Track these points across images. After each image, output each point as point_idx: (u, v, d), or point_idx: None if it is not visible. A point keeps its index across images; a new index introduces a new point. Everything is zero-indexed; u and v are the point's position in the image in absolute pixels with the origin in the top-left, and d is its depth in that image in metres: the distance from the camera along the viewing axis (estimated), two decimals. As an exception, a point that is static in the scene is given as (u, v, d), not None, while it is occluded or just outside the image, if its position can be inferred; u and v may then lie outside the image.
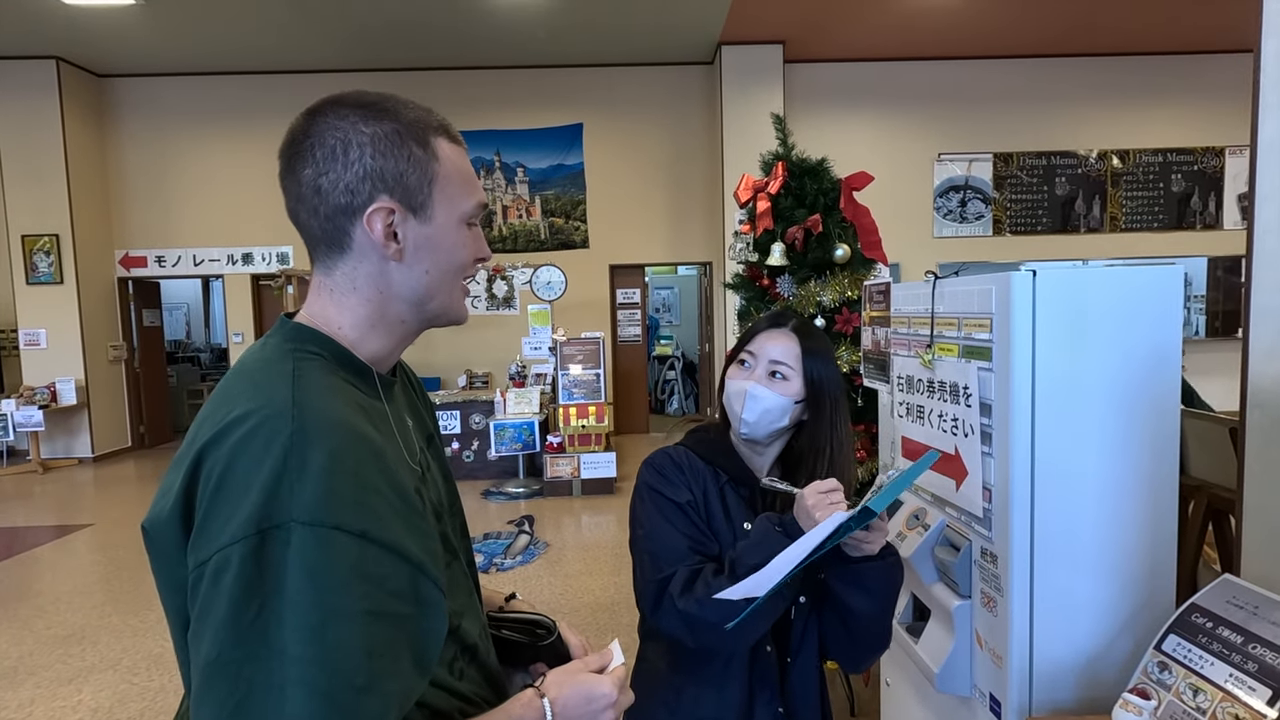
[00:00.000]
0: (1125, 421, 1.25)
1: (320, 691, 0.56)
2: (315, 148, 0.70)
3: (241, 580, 0.57)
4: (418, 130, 0.72)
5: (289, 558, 0.58)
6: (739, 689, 1.07)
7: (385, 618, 0.61)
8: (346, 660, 0.58)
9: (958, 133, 7.62)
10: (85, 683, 2.93)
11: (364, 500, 0.62)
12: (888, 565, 1.03)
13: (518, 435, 5.72)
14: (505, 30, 6.61)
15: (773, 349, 1.10)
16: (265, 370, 0.68)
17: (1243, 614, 1.03)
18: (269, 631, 0.57)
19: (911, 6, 6.27)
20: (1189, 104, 7.60)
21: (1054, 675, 1.27)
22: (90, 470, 7.08)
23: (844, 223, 2.77)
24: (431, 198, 0.72)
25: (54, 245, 7.10)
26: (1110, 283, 1.24)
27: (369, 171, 0.69)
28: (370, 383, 0.74)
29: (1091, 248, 7.69)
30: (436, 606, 0.66)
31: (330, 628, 0.58)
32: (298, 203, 0.71)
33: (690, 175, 7.77)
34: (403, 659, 0.62)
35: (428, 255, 0.73)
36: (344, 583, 0.59)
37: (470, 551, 0.91)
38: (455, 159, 0.74)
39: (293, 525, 0.58)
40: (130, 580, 4.05)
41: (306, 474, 0.59)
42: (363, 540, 0.60)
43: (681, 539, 1.06)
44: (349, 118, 0.70)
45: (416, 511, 0.67)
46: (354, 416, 0.66)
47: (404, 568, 0.63)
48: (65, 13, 5.95)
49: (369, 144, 0.70)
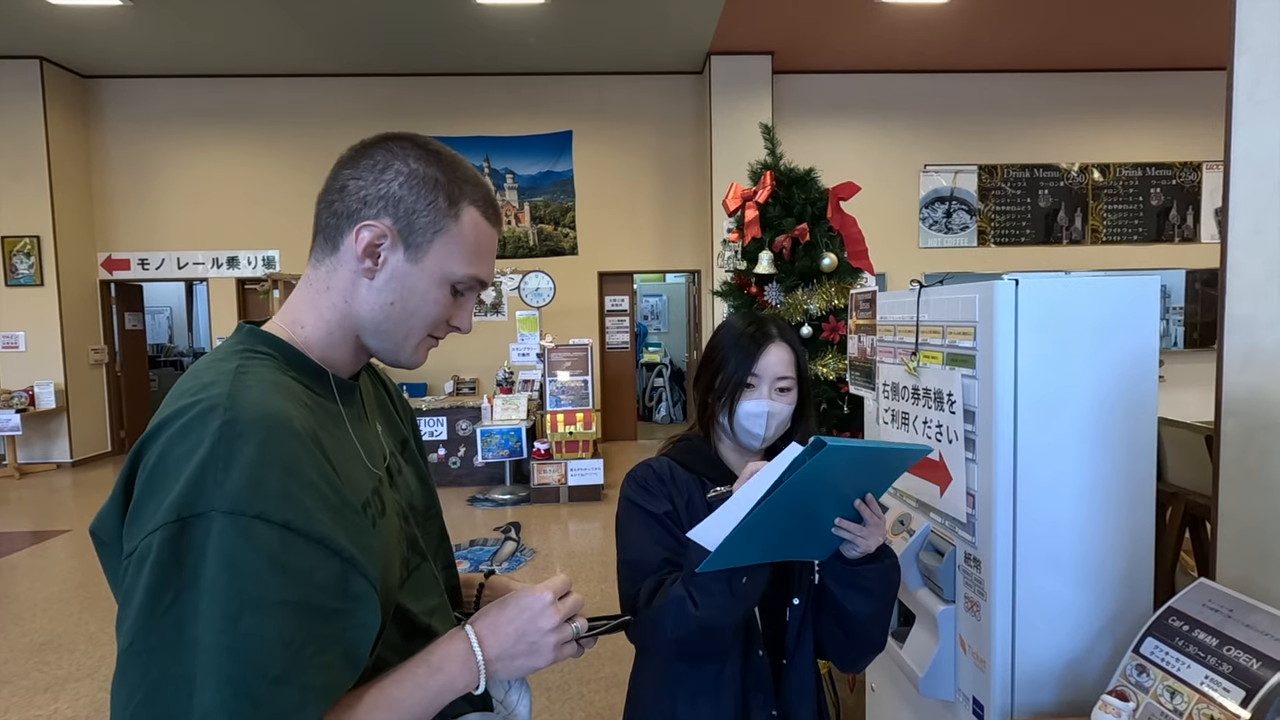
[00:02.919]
0: (1105, 428, 1.27)
1: (233, 680, 0.56)
2: (367, 158, 0.74)
3: (159, 568, 0.57)
4: (454, 189, 0.75)
5: (208, 546, 0.58)
6: (733, 696, 1.08)
7: (307, 610, 0.60)
8: (261, 650, 0.57)
9: (943, 145, 7.73)
10: (62, 691, 2.87)
11: (291, 492, 0.61)
12: (885, 567, 1.05)
13: (505, 441, 5.70)
14: (496, 37, 6.63)
15: (776, 365, 1.13)
16: (210, 368, 0.69)
17: (1218, 617, 1.05)
18: (183, 620, 0.57)
19: (898, 21, 6.36)
20: (1168, 120, 7.76)
21: (1035, 678, 1.29)
22: (69, 475, 6.96)
23: (831, 232, 2.80)
24: (430, 244, 0.74)
25: (34, 247, 7.01)
26: (1090, 292, 1.27)
27: (389, 194, 0.73)
28: (325, 384, 0.75)
29: (1073, 259, 7.81)
30: (367, 602, 0.65)
31: (245, 617, 0.57)
32: (326, 191, 0.76)
33: (679, 184, 7.81)
34: (329, 652, 0.62)
35: (398, 289, 0.74)
36: (262, 573, 0.59)
37: (450, 555, 0.92)
38: (476, 233, 0.76)
39: (213, 514, 0.58)
40: (108, 587, 3.98)
41: (233, 464, 0.60)
42: (285, 531, 0.60)
43: (658, 550, 1.07)
44: (408, 149, 0.75)
45: (352, 508, 0.67)
46: (291, 410, 0.66)
47: (331, 560, 0.62)
48: (50, 13, 5.90)
49: (405, 175, 0.73)
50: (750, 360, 1.13)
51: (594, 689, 2.82)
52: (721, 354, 1.16)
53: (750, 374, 1.13)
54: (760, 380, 1.12)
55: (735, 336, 1.16)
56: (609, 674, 2.91)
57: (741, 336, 1.15)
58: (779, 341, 1.14)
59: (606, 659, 3.01)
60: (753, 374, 1.13)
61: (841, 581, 1.05)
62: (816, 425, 1.19)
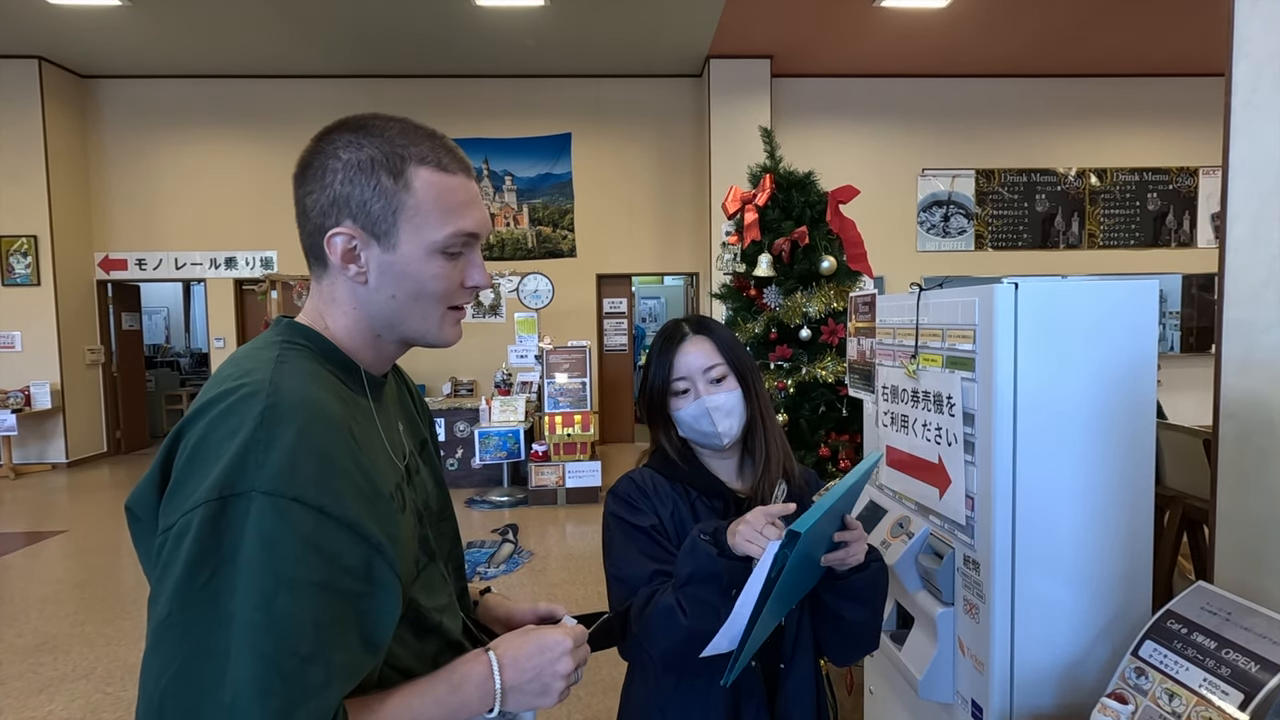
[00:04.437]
0: (1103, 431, 1.28)
1: (265, 656, 0.58)
2: (309, 169, 0.74)
3: (198, 543, 0.59)
4: (394, 160, 0.73)
5: (247, 525, 0.59)
6: (724, 706, 1.07)
7: (335, 592, 0.62)
8: (293, 628, 0.59)
9: (941, 149, 7.75)
10: (57, 692, 2.86)
11: (326, 477, 0.63)
12: (873, 572, 1.05)
13: (503, 443, 5.69)
14: (495, 39, 6.64)
15: (697, 359, 1.10)
16: (252, 356, 0.71)
17: (1216, 620, 1.06)
18: (220, 596, 0.58)
19: (896, 25, 6.38)
20: (1165, 125, 7.79)
21: (1034, 681, 1.29)
22: (64, 476, 6.94)
23: (830, 235, 2.81)
24: (396, 227, 0.73)
25: (31, 246, 6.99)
26: (1088, 296, 1.27)
27: (337, 197, 0.72)
28: (356, 379, 0.77)
29: (1070, 264, 7.84)
30: (390, 589, 0.66)
31: (280, 596, 0.59)
32: (297, 216, 0.76)
33: (678, 186, 7.82)
34: (350, 634, 0.63)
35: (392, 282, 0.74)
36: (297, 553, 0.60)
37: (460, 558, 0.92)
38: (436, 189, 0.74)
39: (254, 494, 0.60)
40: (104, 588, 3.98)
41: (274, 447, 0.61)
42: (320, 514, 0.62)
43: (646, 563, 1.06)
44: (337, 142, 0.73)
45: (382, 497, 0.68)
46: (329, 400, 0.68)
47: (360, 546, 0.64)
48: (49, 12, 5.89)
49: (341, 170, 0.72)
50: (667, 364, 1.11)
51: (591, 692, 2.82)
52: (646, 368, 1.14)
53: (673, 378, 1.10)
54: (690, 380, 1.10)
55: (653, 348, 1.14)
56: (605, 677, 2.91)
57: (656, 345, 1.14)
58: (693, 336, 1.12)
59: (604, 663, 3.00)
60: (678, 377, 1.10)
61: (834, 592, 1.05)
62: (768, 398, 1.16)
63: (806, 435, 2.70)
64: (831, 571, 1.03)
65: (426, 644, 0.74)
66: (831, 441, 2.70)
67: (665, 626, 0.98)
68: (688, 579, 0.97)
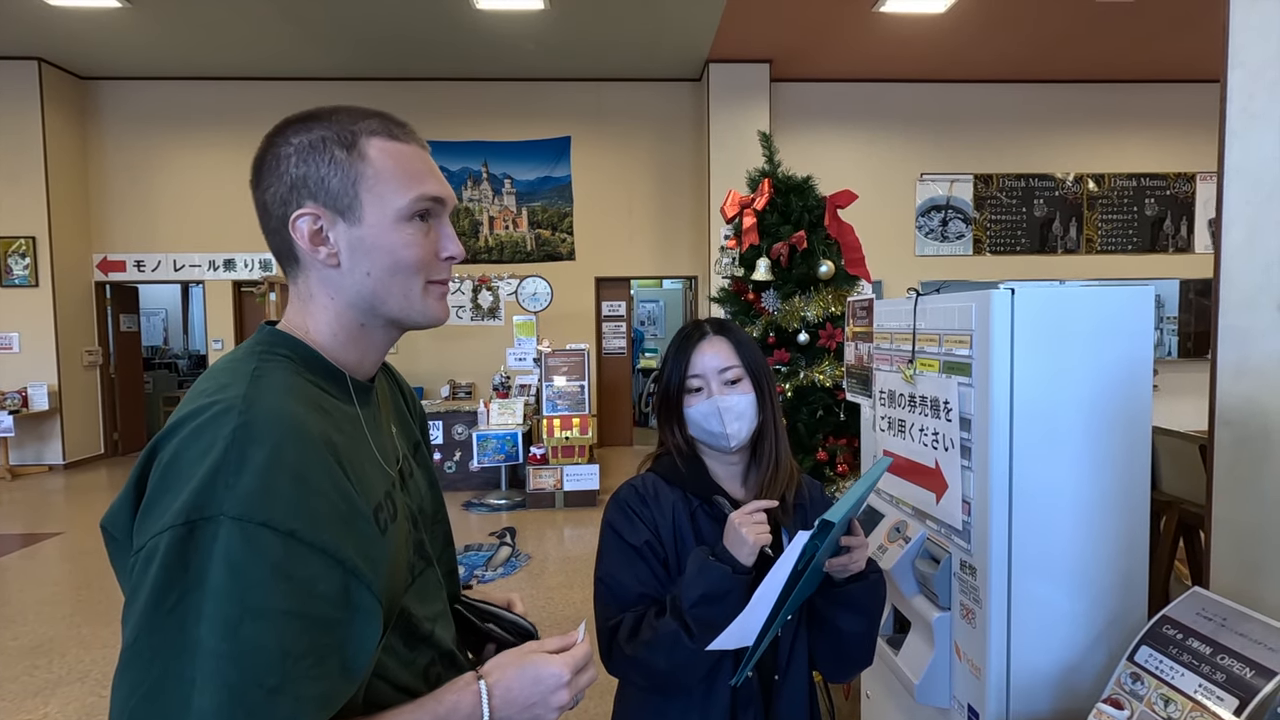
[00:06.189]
0: (1100, 436, 1.28)
1: (230, 686, 0.56)
2: (261, 167, 0.73)
3: (165, 569, 0.57)
4: (344, 134, 0.72)
5: (214, 550, 0.58)
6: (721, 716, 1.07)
7: (308, 620, 0.60)
8: (260, 659, 0.57)
9: (939, 154, 7.77)
10: (53, 695, 2.85)
11: (300, 499, 0.61)
12: (872, 583, 1.05)
13: (501, 446, 5.69)
14: (495, 42, 6.65)
15: (714, 359, 1.10)
16: (228, 370, 0.69)
17: (1211, 626, 1.06)
18: (186, 622, 0.57)
19: (895, 30, 6.40)
20: (1162, 131, 7.81)
21: (1030, 686, 1.29)
22: (61, 477, 6.92)
23: (828, 239, 2.81)
24: (359, 199, 0.71)
25: (30, 248, 6.99)
26: (1085, 301, 1.28)
27: (294, 180, 0.71)
28: (342, 386, 0.75)
29: (1068, 269, 7.85)
30: (369, 613, 0.64)
31: (245, 625, 0.57)
32: (260, 218, 0.75)
33: (677, 190, 7.83)
34: (328, 663, 0.61)
35: (364, 257, 0.72)
36: (265, 581, 0.58)
37: (453, 561, 0.91)
38: (391, 156, 0.73)
39: (221, 519, 0.58)
40: (101, 590, 3.96)
41: (244, 469, 0.60)
42: (290, 539, 0.60)
43: (633, 583, 1.06)
44: (285, 133, 0.73)
45: (363, 516, 0.66)
46: (307, 415, 0.66)
47: (334, 571, 0.62)
48: (49, 14, 5.90)
49: (294, 154, 0.72)
50: (684, 361, 1.11)
51: (588, 695, 2.81)
52: (663, 366, 1.15)
53: (689, 375, 1.11)
54: (704, 379, 1.10)
55: (671, 346, 1.15)
56: (602, 680, 2.90)
57: (674, 343, 1.15)
58: (712, 336, 1.13)
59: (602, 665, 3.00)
60: (693, 375, 1.11)
61: (832, 601, 1.05)
62: (779, 405, 1.17)
63: (804, 439, 2.70)
64: (829, 580, 1.03)
65: (418, 654, 0.72)
66: (829, 446, 2.70)
67: (670, 651, 0.97)
68: (699, 599, 0.96)
